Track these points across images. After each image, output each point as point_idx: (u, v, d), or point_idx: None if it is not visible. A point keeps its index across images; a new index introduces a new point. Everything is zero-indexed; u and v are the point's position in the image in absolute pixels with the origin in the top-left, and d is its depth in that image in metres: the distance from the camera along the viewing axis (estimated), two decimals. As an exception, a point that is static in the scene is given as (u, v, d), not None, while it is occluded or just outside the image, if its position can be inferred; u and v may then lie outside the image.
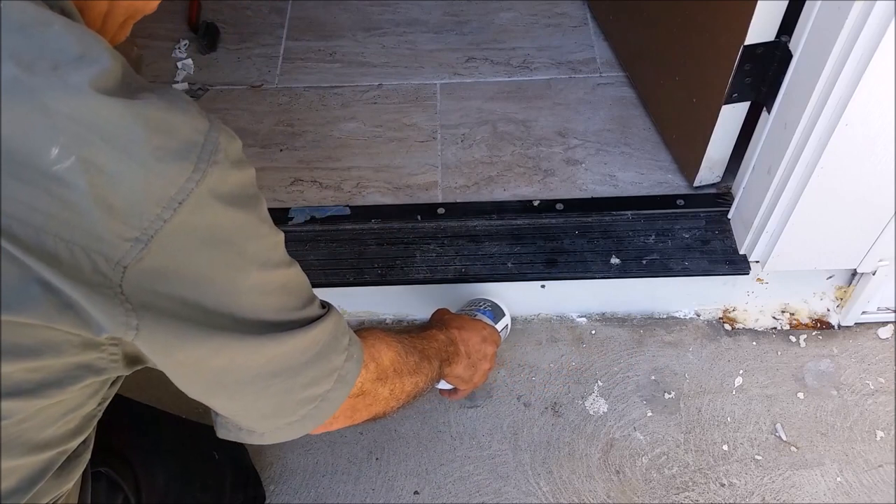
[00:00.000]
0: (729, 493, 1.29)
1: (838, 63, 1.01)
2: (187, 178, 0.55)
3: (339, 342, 0.74)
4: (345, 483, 1.32)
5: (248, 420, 0.72)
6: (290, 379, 0.69)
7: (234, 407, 0.71)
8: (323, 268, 1.37)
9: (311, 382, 0.71)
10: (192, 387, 0.67)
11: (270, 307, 0.66)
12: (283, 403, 0.71)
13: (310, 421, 0.73)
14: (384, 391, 0.83)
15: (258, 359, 0.66)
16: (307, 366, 0.70)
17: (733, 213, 1.40)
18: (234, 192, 0.60)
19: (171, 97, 0.57)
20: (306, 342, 0.69)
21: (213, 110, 1.65)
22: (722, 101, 1.26)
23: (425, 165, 1.55)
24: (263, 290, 0.65)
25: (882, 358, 1.43)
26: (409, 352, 0.89)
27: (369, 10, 1.87)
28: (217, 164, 0.57)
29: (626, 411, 1.38)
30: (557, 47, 1.77)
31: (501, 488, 1.30)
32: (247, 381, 0.67)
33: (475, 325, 1.14)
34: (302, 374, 0.70)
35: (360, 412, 0.81)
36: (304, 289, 0.71)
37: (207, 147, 0.57)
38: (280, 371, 0.68)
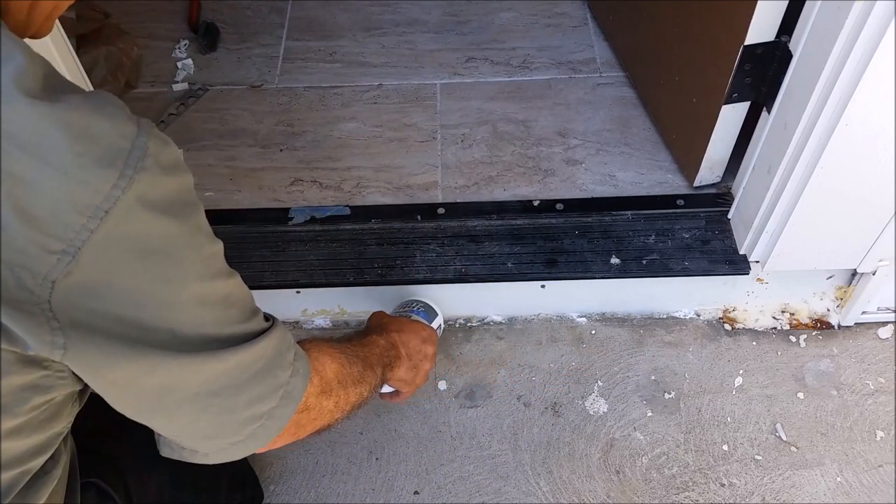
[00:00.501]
0: (729, 493, 1.29)
1: (838, 63, 1.01)
2: (113, 186, 0.53)
3: (284, 357, 0.71)
4: (345, 483, 1.32)
5: (190, 441, 0.69)
6: (232, 397, 0.66)
7: (173, 428, 0.68)
8: (323, 268, 1.37)
9: (255, 400, 0.68)
10: (127, 407, 0.64)
11: (211, 321, 0.63)
12: (225, 423, 0.68)
13: (255, 440, 0.70)
14: (329, 404, 0.80)
15: (197, 377, 0.63)
16: (250, 383, 0.67)
17: (733, 213, 1.40)
18: (167, 200, 0.57)
19: (98, 101, 0.55)
20: (249, 358, 0.66)
21: (213, 110, 1.66)
22: (722, 101, 1.26)
23: (425, 165, 1.55)
24: (203, 303, 0.62)
25: (882, 358, 1.43)
26: (352, 362, 0.87)
27: (369, 10, 1.87)
28: (145, 170, 0.55)
29: (626, 411, 1.38)
30: (557, 47, 1.77)
31: (501, 488, 1.30)
32: (186, 401, 0.64)
33: (414, 326, 1.13)
34: (245, 392, 0.67)
35: (304, 427, 0.78)
36: (246, 301, 0.69)
37: (135, 153, 0.54)
38: (221, 389, 0.65)
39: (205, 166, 1.55)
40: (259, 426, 0.69)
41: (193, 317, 0.61)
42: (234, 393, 0.66)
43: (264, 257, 1.38)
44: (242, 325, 0.67)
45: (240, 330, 0.66)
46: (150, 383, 0.61)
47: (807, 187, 1.16)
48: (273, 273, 1.37)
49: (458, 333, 1.48)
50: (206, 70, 1.75)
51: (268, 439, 0.71)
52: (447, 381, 1.42)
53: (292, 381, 0.71)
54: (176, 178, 0.59)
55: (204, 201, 1.54)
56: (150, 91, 1.70)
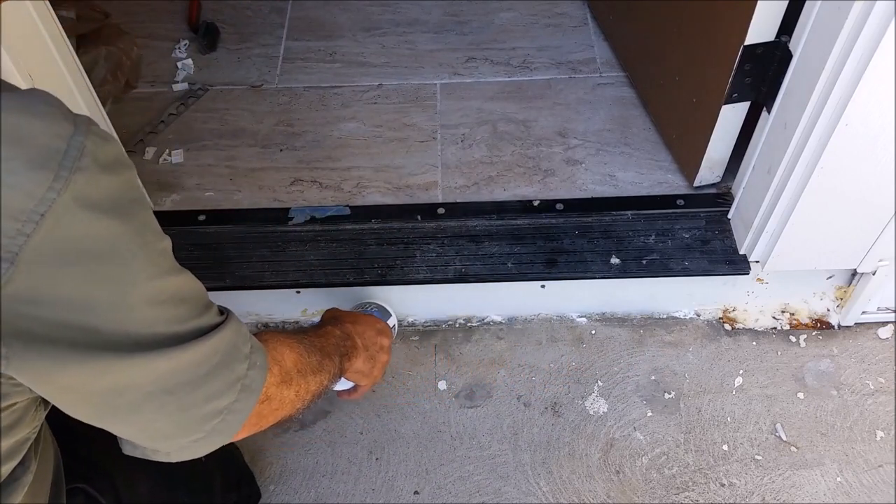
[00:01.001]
0: (729, 493, 1.29)
1: (838, 63, 1.01)
2: (47, 188, 0.51)
3: (240, 350, 0.70)
4: (345, 483, 1.32)
5: (149, 441, 0.68)
6: (188, 394, 0.65)
7: (131, 430, 0.67)
8: (323, 268, 1.37)
9: (214, 395, 0.67)
10: (81, 412, 0.63)
11: (163, 319, 0.62)
12: (184, 421, 0.66)
13: (218, 436, 0.69)
14: (290, 394, 0.80)
15: (150, 376, 0.61)
16: (207, 379, 0.65)
17: (733, 213, 1.40)
18: (109, 199, 0.56)
19: (28, 100, 0.53)
20: (204, 353, 0.65)
21: (213, 110, 1.66)
22: (722, 101, 1.26)
23: (425, 165, 1.55)
24: (154, 302, 0.61)
25: (882, 358, 1.43)
26: (309, 351, 0.86)
27: (369, 10, 1.87)
28: (82, 170, 0.53)
29: (626, 411, 1.38)
30: (557, 47, 1.77)
31: (501, 488, 1.30)
32: (140, 401, 0.62)
33: (368, 318, 1.12)
34: (202, 388, 0.65)
35: (267, 418, 0.77)
36: (199, 296, 0.67)
37: (70, 153, 0.53)
38: (176, 387, 0.63)
39: (205, 166, 1.55)
40: (220, 421, 0.68)
41: (144, 316, 0.60)
42: (191, 390, 0.65)
43: (264, 257, 1.38)
44: (195, 320, 0.65)
45: (193, 326, 0.65)
46: (102, 386, 0.60)
47: (807, 187, 1.16)
48: (273, 273, 1.37)
49: (458, 333, 1.48)
50: (206, 70, 1.75)
51: (231, 434, 0.70)
52: (447, 381, 1.42)
53: (250, 374, 0.70)
54: (117, 175, 0.57)
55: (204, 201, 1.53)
56: (150, 91, 1.70)
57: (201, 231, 1.42)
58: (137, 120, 1.63)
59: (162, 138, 1.60)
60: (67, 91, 1.11)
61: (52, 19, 1.08)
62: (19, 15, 1.00)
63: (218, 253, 1.39)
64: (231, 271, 1.37)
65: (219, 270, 1.37)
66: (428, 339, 1.47)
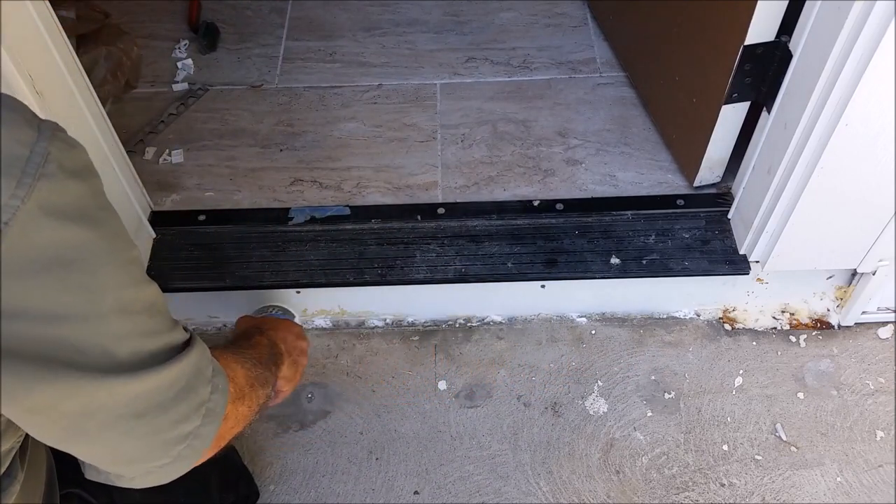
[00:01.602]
0: (729, 493, 1.29)
1: (838, 63, 1.01)
2: (11, 196, 0.50)
3: (204, 373, 0.68)
4: (345, 483, 1.32)
5: (115, 466, 0.66)
6: (157, 418, 0.62)
7: (95, 453, 0.64)
8: (323, 268, 1.37)
9: (181, 420, 0.65)
10: (47, 435, 0.61)
11: (137, 332, 0.60)
12: (151, 446, 0.64)
13: (183, 462, 0.67)
14: (244, 409, 0.78)
15: (122, 398, 0.59)
16: (175, 402, 0.63)
17: (733, 213, 1.40)
18: (76, 206, 0.54)
19: None
20: (174, 375, 0.63)
21: (213, 110, 1.66)
22: (722, 101, 1.26)
23: (425, 165, 1.55)
24: (126, 313, 0.59)
25: (882, 358, 1.43)
26: (254, 364, 0.85)
27: (369, 10, 1.87)
28: (47, 177, 0.52)
29: (626, 411, 1.38)
30: (557, 47, 1.77)
31: (501, 488, 1.30)
32: (109, 425, 0.60)
33: (286, 323, 1.10)
34: (171, 412, 0.63)
35: (224, 437, 0.74)
36: (166, 310, 0.65)
37: (34, 160, 0.52)
38: (146, 410, 0.61)
39: (205, 166, 1.55)
40: (185, 447, 0.66)
41: (117, 328, 0.58)
42: (160, 413, 0.62)
43: (264, 257, 1.38)
44: (167, 335, 0.64)
45: (164, 342, 0.63)
46: (71, 408, 0.57)
47: (807, 187, 1.16)
48: (273, 273, 1.37)
49: (458, 333, 1.48)
50: (206, 70, 1.75)
51: (196, 459, 0.68)
52: (447, 381, 1.42)
53: (213, 398, 0.68)
54: (85, 182, 0.56)
55: (204, 201, 1.53)
56: (150, 91, 1.70)
57: (201, 231, 1.42)
58: (137, 120, 1.63)
59: (162, 138, 1.60)
60: (67, 91, 1.11)
61: (52, 19, 1.08)
62: (19, 15, 1.00)
63: (218, 253, 1.39)
64: (231, 271, 1.37)
65: (219, 270, 1.37)
66: (428, 339, 1.48)
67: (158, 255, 1.38)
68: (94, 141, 1.18)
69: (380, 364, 1.44)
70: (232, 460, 1.20)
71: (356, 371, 1.43)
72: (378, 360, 1.45)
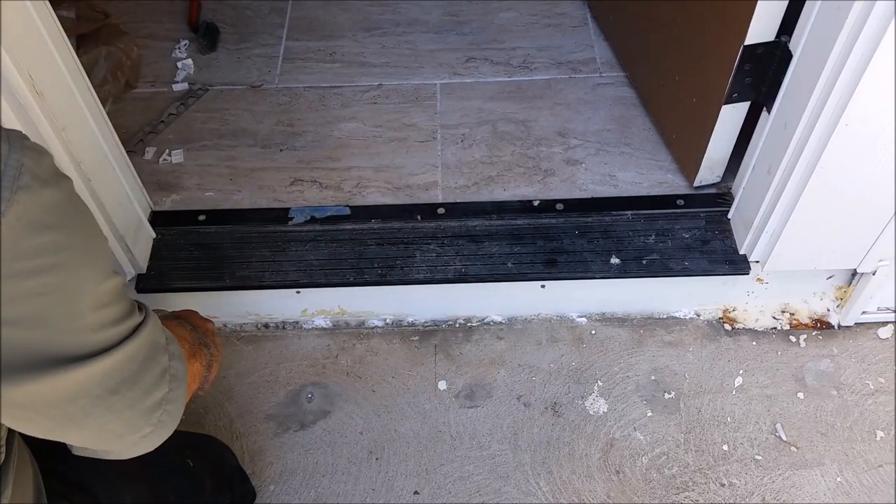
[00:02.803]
0: (729, 493, 1.29)
1: (838, 63, 1.01)
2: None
3: (159, 343, 0.72)
4: (345, 483, 1.31)
5: (104, 444, 0.70)
6: (130, 390, 0.66)
7: (85, 436, 0.68)
8: (323, 268, 1.37)
9: (151, 387, 0.69)
10: (37, 428, 0.63)
11: (109, 320, 0.63)
12: (133, 417, 0.68)
13: (163, 428, 0.71)
14: (197, 365, 0.83)
15: (95, 379, 0.63)
16: (142, 373, 0.67)
17: (733, 213, 1.40)
18: (53, 213, 0.56)
19: None
20: (134, 348, 0.66)
21: (213, 110, 1.66)
22: (722, 101, 1.26)
23: (425, 165, 1.55)
24: (100, 305, 0.62)
25: (882, 358, 1.43)
26: (190, 330, 0.89)
27: (369, 10, 1.87)
28: (23, 188, 0.53)
29: (626, 411, 1.38)
30: (557, 47, 1.77)
31: (501, 488, 1.30)
32: (92, 406, 0.64)
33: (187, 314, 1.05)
34: (140, 383, 0.67)
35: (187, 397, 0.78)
36: (124, 291, 0.68)
37: (8, 173, 0.52)
38: (118, 386, 0.65)
39: (205, 166, 1.55)
40: (162, 412, 0.70)
41: (93, 321, 0.61)
42: (131, 386, 0.66)
43: (264, 257, 1.38)
44: (130, 319, 0.67)
45: (129, 323, 0.67)
46: (57, 397, 0.61)
47: (807, 187, 1.16)
48: (273, 273, 1.37)
49: (458, 333, 1.48)
50: (206, 70, 1.75)
51: (175, 422, 0.72)
52: (447, 381, 1.42)
53: (173, 364, 0.72)
54: (58, 186, 0.57)
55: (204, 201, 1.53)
56: (150, 91, 1.70)
57: (201, 231, 1.42)
58: (137, 120, 1.63)
59: (162, 138, 1.60)
60: (67, 91, 1.11)
61: (52, 19, 1.08)
62: (19, 15, 1.00)
63: (218, 253, 1.39)
64: (231, 271, 1.37)
65: (219, 270, 1.37)
66: (428, 339, 1.47)
67: (158, 255, 1.38)
68: (94, 141, 1.18)
69: (380, 364, 1.44)
70: (226, 461, 1.19)
71: (356, 371, 1.43)
72: (378, 360, 1.45)
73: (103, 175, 1.20)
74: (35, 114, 1.03)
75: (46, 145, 1.06)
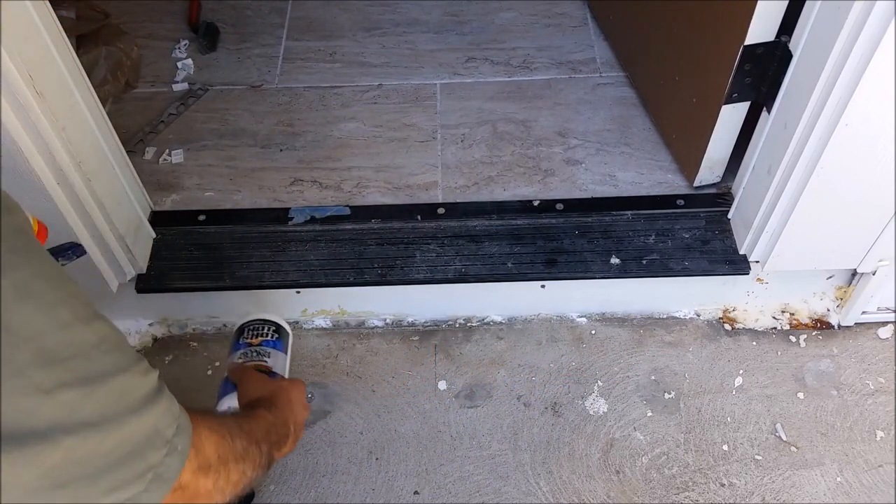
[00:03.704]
0: (729, 493, 1.29)
1: (838, 63, 1.01)
2: None
3: (162, 434, 0.58)
4: (345, 483, 1.32)
5: None
6: (86, 488, 0.52)
7: None
8: (323, 268, 1.37)
9: (118, 486, 0.54)
10: None
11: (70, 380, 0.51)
12: None
13: None
14: (207, 484, 0.66)
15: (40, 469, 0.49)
16: (114, 469, 0.53)
17: (733, 213, 1.40)
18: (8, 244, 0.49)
19: None
20: (119, 438, 0.53)
21: (213, 110, 1.66)
22: (722, 101, 1.26)
23: (425, 165, 1.55)
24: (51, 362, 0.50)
25: (882, 358, 1.43)
26: (234, 435, 0.73)
27: (369, 10, 1.87)
28: None
29: (626, 411, 1.38)
30: (557, 47, 1.77)
31: (501, 488, 1.30)
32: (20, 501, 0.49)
33: (296, 395, 0.97)
34: (103, 481, 0.53)
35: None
36: (122, 346, 0.56)
37: None
38: (71, 480, 0.51)
39: (205, 166, 1.55)
40: None
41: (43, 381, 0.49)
42: (90, 483, 0.52)
43: (264, 257, 1.38)
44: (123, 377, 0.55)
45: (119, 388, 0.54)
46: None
47: (807, 187, 1.16)
48: (273, 273, 1.37)
49: (458, 333, 1.48)
50: (206, 70, 1.75)
51: None
52: (447, 381, 1.42)
53: (167, 461, 0.58)
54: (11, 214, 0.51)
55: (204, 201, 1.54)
56: (150, 91, 1.70)
57: (201, 231, 1.42)
58: (137, 120, 1.63)
59: (162, 138, 1.60)
60: (67, 91, 1.11)
61: (52, 19, 1.08)
62: (19, 15, 1.00)
63: (218, 253, 1.39)
64: (231, 271, 1.37)
65: (219, 270, 1.37)
66: (428, 339, 1.48)
67: (158, 255, 1.38)
68: (94, 141, 1.18)
69: (380, 364, 1.44)
70: None
71: (356, 371, 1.43)
72: (378, 360, 1.45)
73: (103, 175, 1.20)
74: (35, 114, 1.03)
75: (47, 145, 1.06)
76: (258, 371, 1.07)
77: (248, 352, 1.13)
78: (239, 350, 1.14)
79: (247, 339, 1.15)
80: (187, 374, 1.42)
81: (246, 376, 1.03)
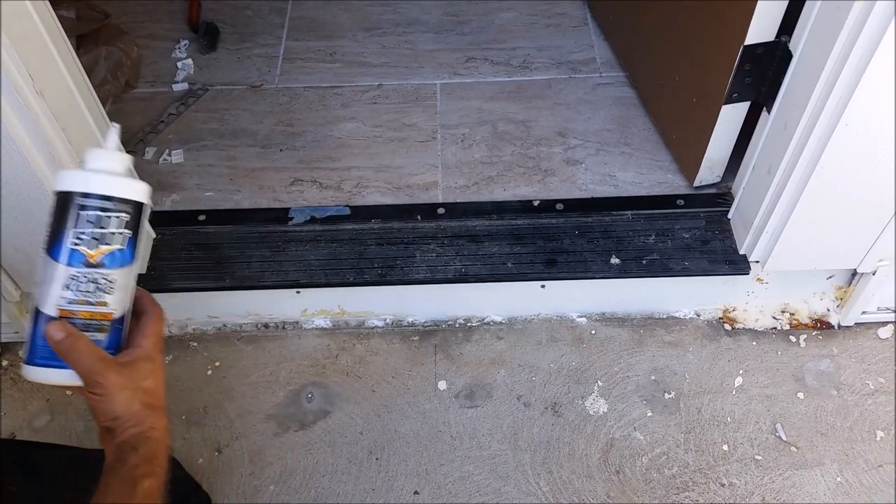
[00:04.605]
0: (729, 493, 1.29)
1: (838, 63, 1.01)
2: None
3: None
4: (345, 483, 1.31)
5: None
6: None
7: None
8: (323, 268, 1.37)
9: None
10: None
11: None
12: None
13: None
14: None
15: None
16: None
17: (733, 213, 1.40)
18: None
19: None
20: None
21: (213, 110, 1.66)
22: (722, 101, 1.26)
23: (425, 165, 1.55)
24: None
25: (882, 358, 1.43)
26: None
27: (369, 10, 1.88)
28: None
29: (626, 411, 1.38)
30: (557, 47, 1.77)
31: (501, 488, 1.30)
32: None
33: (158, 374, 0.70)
34: None
35: None
36: None
37: None
38: None
39: (205, 166, 1.55)
40: None
41: None
42: None
43: (264, 257, 1.38)
44: None
45: None
46: None
47: (807, 187, 1.16)
48: (273, 273, 1.37)
49: (458, 333, 1.48)
50: (206, 70, 1.75)
51: None
52: (447, 381, 1.42)
53: None
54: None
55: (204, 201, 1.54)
56: (150, 91, 1.70)
57: (201, 231, 1.42)
58: (137, 120, 1.63)
59: (162, 138, 1.60)
60: (67, 91, 1.11)
61: (52, 19, 1.08)
62: (19, 15, 1.00)
63: (218, 253, 1.39)
64: (231, 271, 1.37)
65: (219, 270, 1.37)
66: (428, 339, 1.48)
67: (158, 255, 1.38)
68: (94, 141, 1.18)
69: (380, 364, 1.44)
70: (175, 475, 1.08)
71: (356, 371, 1.43)
72: (378, 360, 1.45)
73: (103, 175, 1.20)
74: (35, 114, 1.03)
75: (47, 145, 1.06)
76: (92, 340, 0.65)
77: (79, 279, 0.64)
78: (62, 265, 0.63)
79: (78, 245, 0.64)
80: (187, 374, 1.42)
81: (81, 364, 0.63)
